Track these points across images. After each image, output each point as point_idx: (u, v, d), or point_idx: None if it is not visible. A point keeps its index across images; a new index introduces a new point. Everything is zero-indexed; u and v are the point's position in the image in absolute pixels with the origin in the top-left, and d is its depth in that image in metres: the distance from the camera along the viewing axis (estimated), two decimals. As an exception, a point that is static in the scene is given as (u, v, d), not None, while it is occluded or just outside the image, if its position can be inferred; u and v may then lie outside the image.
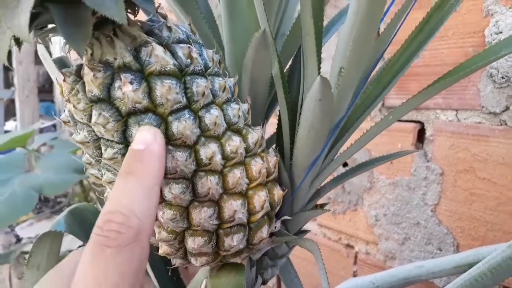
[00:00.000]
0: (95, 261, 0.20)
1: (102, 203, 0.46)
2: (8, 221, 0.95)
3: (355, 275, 0.82)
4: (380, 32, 0.29)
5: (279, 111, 0.36)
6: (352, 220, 0.81)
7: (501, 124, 0.59)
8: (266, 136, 0.45)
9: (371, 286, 0.60)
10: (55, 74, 0.39)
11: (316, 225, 0.89)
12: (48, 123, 2.49)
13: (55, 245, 0.40)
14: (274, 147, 0.35)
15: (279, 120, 0.37)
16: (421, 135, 0.70)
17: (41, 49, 0.38)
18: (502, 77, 0.58)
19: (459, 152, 0.64)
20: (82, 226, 0.41)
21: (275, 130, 0.40)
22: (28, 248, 1.27)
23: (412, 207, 0.70)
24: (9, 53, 0.22)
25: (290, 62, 0.40)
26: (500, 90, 0.58)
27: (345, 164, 0.81)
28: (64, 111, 0.27)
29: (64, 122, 0.27)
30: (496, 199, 0.60)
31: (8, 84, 2.63)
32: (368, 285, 0.60)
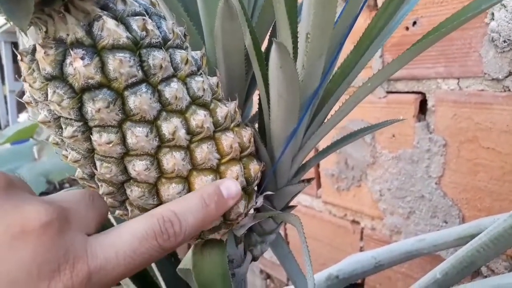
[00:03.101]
0: (141, 241, 0.24)
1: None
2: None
3: (361, 250, 0.81)
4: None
5: (257, 81, 0.35)
6: (356, 196, 0.80)
7: (505, 91, 0.56)
8: (254, 112, 0.44)
9: (373, 261, 0.59)
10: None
11: (321, 203, 0.88)
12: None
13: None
14: (253, 124, 0.35)
15: (259, 93, 0.36)
16: (422, 106, 0.68)
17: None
18: (504, 41, 0.55)
19: (462, 121, 0.62)
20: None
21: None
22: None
23: (416, 180, 0.69)
24: (16, 45, 0.22)
25: (268, 34, 0.38)
26: (502, 54, 0.56)
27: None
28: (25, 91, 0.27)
29: (27, 103, 0.27)
30: (501, 169, 0.58)
31: (19, 75, 2.68)
32: (370, 260, 0.59)
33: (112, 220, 0.47)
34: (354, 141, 0.37)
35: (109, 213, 0.30)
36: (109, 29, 0.24)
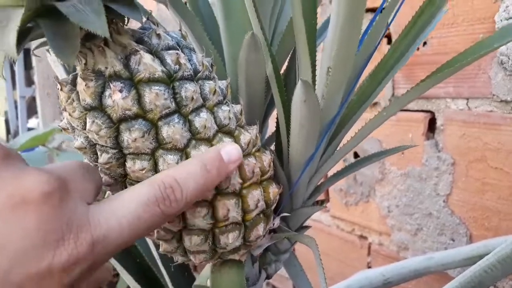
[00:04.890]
0: (144, 208, 0.24)
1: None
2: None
3: (369, 266, 0.82)
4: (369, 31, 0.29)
5: (276, 107, 0.36)
6: (364, 211, 0.81)
7: (513, 112, 0.58)
8: (269, 133, 0.45)
9: (381, 278, 0.60)
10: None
11: (329, 217, 0.89)
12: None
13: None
14: (269, 147, 0.36)
15: (278, 118, 0.38)
16: (431, 125, 0.69)
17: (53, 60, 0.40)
18: (513, 64, 0.57)
19: (471, 141, 0.63)
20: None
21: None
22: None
23: (424, 197, 0.70)
24: (27, 52, 0.24)
25: (287, 60, 0.40)
26: (511, 77, 0.57)
27: (356, 156, 0.81)
28: (63, 119, 0.28)
29: (64, 129, 0.28)
30: (509, 189, 0.59)
31: (30, 82, 2.71)
32: (378, 277, 0.60)
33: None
34: (368, 165, 0.38)
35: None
36: (146, 64, 0.25)
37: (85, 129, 0.26)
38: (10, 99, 2.78)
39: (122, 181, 0.28)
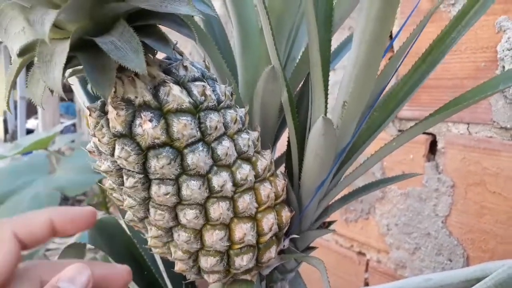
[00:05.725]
0: None
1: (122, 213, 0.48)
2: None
3: (366, 282, 0.84)
4: (382, 69, 0.31)
5: (288, 132, 0.38)
6: (364, 228, 0.82)
7: (512, 140, 0.59)
8: (277, 153, 0.47)
9: (380, 296, 0.61)
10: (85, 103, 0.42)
11: (329, 232, 0.90)
12: (68, 122, 2.57)
13: (79, 255, 0.43)
14: (282, 172, 0.37)
15: (289, 142, 0.39)
16: (433, 147, 0.71)
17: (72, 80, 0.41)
18: (513, 93, 0.59)
19: (471, 165, 0.65)
20: (103, 237, 0.44)
21: (285, 148, 0.42)
22: (51, 246, 1.32)
23: (423, 217, 0.72)
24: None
25: (300, 86, 0.42)
26: (511, 105, 0.59)
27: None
28: (90, 141, 0.30)
29: (90, 152, 0.30)
30: (506, 213, 0.61)
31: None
32: (377, 295, 0.62)
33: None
34: (376, 190, 0.40)
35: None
36: (175, 95, 0.27)
37: (113, 154, 0.27)
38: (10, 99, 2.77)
39: (145, 204, 0.29)
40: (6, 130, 3.00)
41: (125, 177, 0.28)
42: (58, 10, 0.20)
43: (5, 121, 3.00)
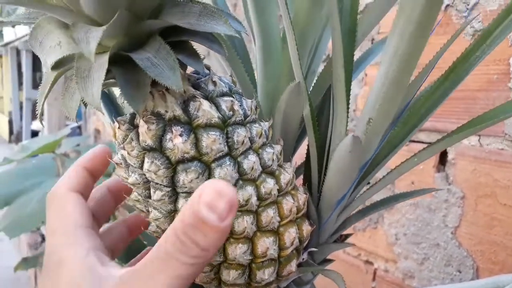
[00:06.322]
0: (166, 260, 0.23)
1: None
2: (40, 220, 1.01)
3: (373, 291, 0.84)
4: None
5: (307, 144, 0.38)
6: (372, 237, 0.82)
7: (524, 153, 0.60)
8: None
9: (390, 306, 0.61)
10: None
11: (336, 240, 0.90)
12: (73, 125, 2.58)
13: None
14: (303, 186, 0.38)
15: (308, 154, 0.39)
16: (443, 158, 0.71)
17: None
18: (526, 107, 0.59)
19: (481, 176, 0.65)
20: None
21: (300, 160, 0.43)
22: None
23: (432, 228, 0.72)
24: (33, 55, 0.25)
25: (320, 98, 0.42)
26: (523, 119, 0.59)
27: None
28: (117, 154, 0.30)
29: (117, 164, 0.30)
30: (517, 226, 0.61)
31: (36, 84, 2.72)
32: (387, 305, 0.62)
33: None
34: (395, 205, 0.40)
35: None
36: (204, 110, 0.27)
37: (141, 167, 0.27)
38: (15, 100, 2.79)
39: (171, 216, 0.29)
40: (11, 131, 3.00)
41: (152, 190, 0.28)
42: (103, 29, 0.20)
43: (10, 122, 3.01)
